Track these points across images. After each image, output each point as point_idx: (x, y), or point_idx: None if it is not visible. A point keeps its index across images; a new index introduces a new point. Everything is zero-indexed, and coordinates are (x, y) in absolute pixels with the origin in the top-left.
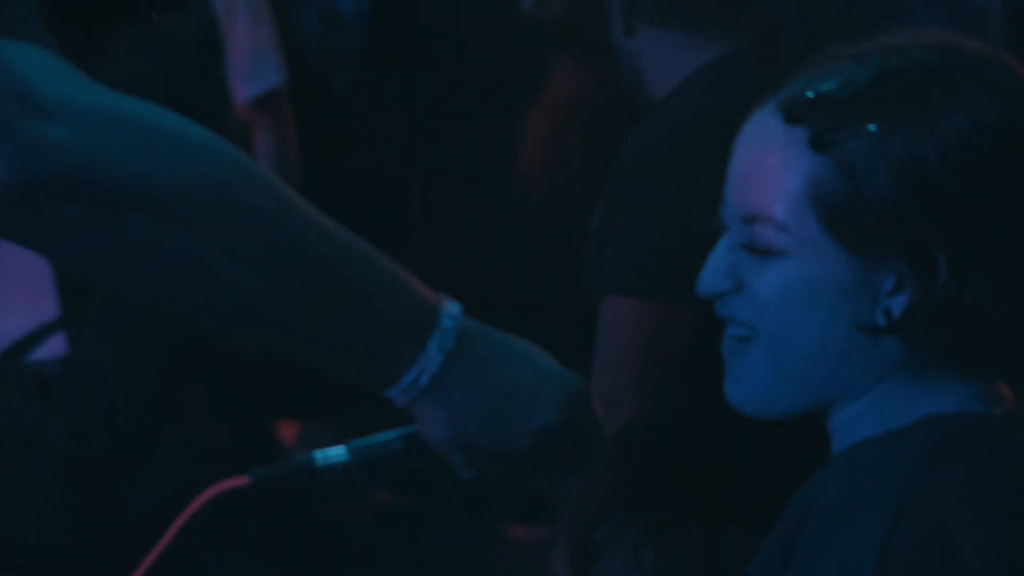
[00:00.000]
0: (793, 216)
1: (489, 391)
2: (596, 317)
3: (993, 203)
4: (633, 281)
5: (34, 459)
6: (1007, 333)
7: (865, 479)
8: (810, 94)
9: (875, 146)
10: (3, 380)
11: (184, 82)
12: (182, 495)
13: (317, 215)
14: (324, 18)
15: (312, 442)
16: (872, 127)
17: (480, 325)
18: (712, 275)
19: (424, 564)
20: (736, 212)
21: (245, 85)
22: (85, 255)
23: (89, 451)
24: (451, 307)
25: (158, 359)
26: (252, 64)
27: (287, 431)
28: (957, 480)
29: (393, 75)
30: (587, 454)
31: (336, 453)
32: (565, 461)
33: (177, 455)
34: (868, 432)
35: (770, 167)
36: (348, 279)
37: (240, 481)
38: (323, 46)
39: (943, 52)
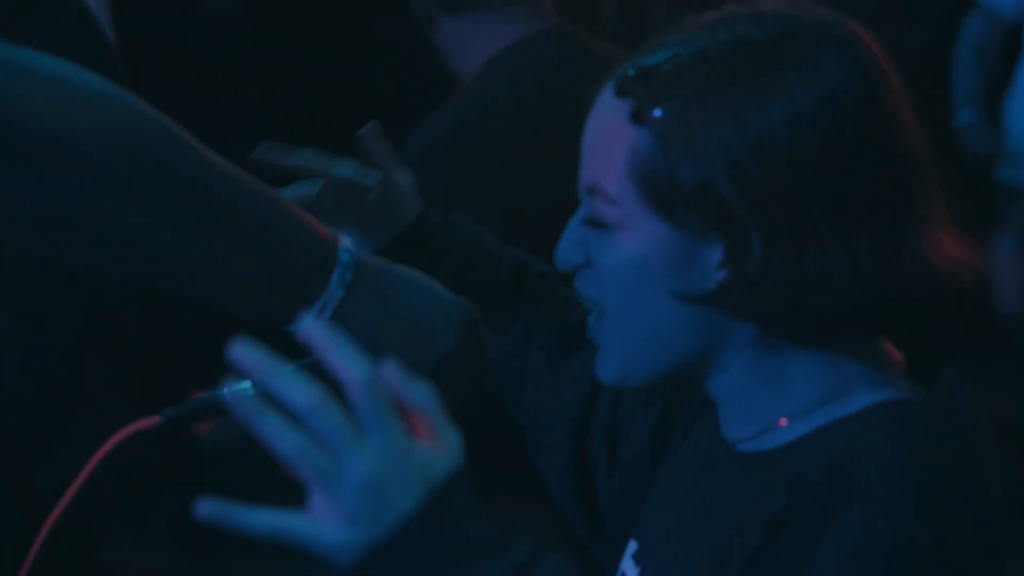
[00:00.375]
0: (621, 189)
1: (390, 321)
2: None
3: (800, 183)
4: None
5: None
6: (834, 306)
7: (848, 500)
8: (636, 68)
9: (688, 120)
10: None
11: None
12: None
13: (216, 157)
14: None
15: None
16: (686, 101)
17: (373, 258)
18: (564, 248)
19: None
20: (582, 184)
21: None
22: None
23: None
24: (346, 242)
25: (67, 334)
26: None
27: None
28: (946, 501)
29: (300, 56)
30: (478, 376)
31: (242, 388)
32: (460, 384)
33: (89, 431)
34: (769, 412)
35: (603, 140)
36: (251, 217)
37: (152, 421)
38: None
39: (778, 26)
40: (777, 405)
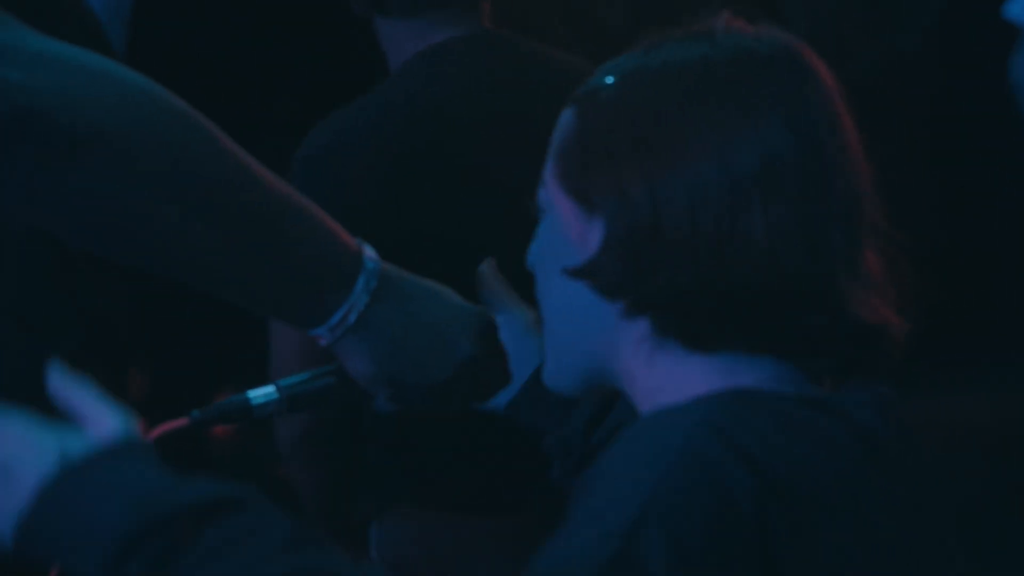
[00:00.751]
0: (548, 169)
1: (412, 327)
2: None
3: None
4: None
5: None
6: (704, 303)
7: (643, 443)
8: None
9: (604, 110)
10: None
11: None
12: None
13: (249, 159)
14: None
15: None
16: (610, 96)
17: (392, 266)
18: (531, 247)
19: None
20: None
21: None
22: (31, 197)
23: None
24: (368, 249)
25: (62, 337)
26: None
27: None
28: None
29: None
30: (494, 381)
31: (267, 392)
32: (477, 389)
33: None
34: None
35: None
36: (281, 221)
37: (180, 422)
38: None
39: (715, 49)
40: None
